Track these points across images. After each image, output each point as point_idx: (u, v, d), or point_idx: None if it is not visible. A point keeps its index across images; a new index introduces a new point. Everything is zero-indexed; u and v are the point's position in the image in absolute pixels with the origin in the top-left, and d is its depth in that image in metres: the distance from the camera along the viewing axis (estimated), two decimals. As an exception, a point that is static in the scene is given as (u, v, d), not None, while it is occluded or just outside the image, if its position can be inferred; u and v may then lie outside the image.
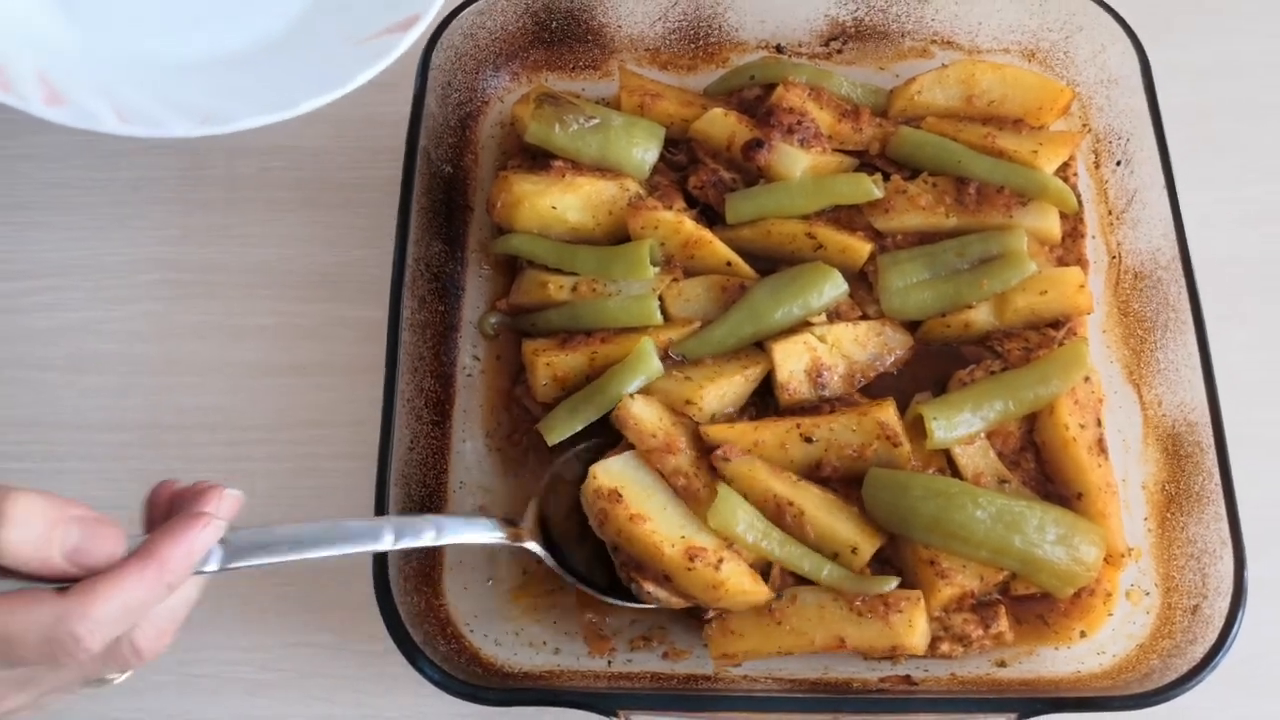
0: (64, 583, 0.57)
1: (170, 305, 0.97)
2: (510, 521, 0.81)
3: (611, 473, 0.82)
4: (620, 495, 0.80)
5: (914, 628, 0.77)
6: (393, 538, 0.70)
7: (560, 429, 0.85)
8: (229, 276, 0.98)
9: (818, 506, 0.82)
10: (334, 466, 0.90)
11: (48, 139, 1.03)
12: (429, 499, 0.84)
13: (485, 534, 0.78)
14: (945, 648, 0.79)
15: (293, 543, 0.66)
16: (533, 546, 0.81)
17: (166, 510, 0.64)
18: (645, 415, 0.83)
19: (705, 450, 0.83)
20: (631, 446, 0.83)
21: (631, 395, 0.84)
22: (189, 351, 0.95)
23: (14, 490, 0.55)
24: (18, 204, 1.01)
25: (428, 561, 0.82)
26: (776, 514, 0.82)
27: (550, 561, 0.82)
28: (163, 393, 0.94)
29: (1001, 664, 0.81)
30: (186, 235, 0.99)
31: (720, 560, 0.79)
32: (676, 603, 0.81)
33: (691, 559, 0.78)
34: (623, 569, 0.81)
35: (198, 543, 0.60)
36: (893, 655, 0.79)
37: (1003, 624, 0.80)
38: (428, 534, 0.73)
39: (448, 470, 0.87)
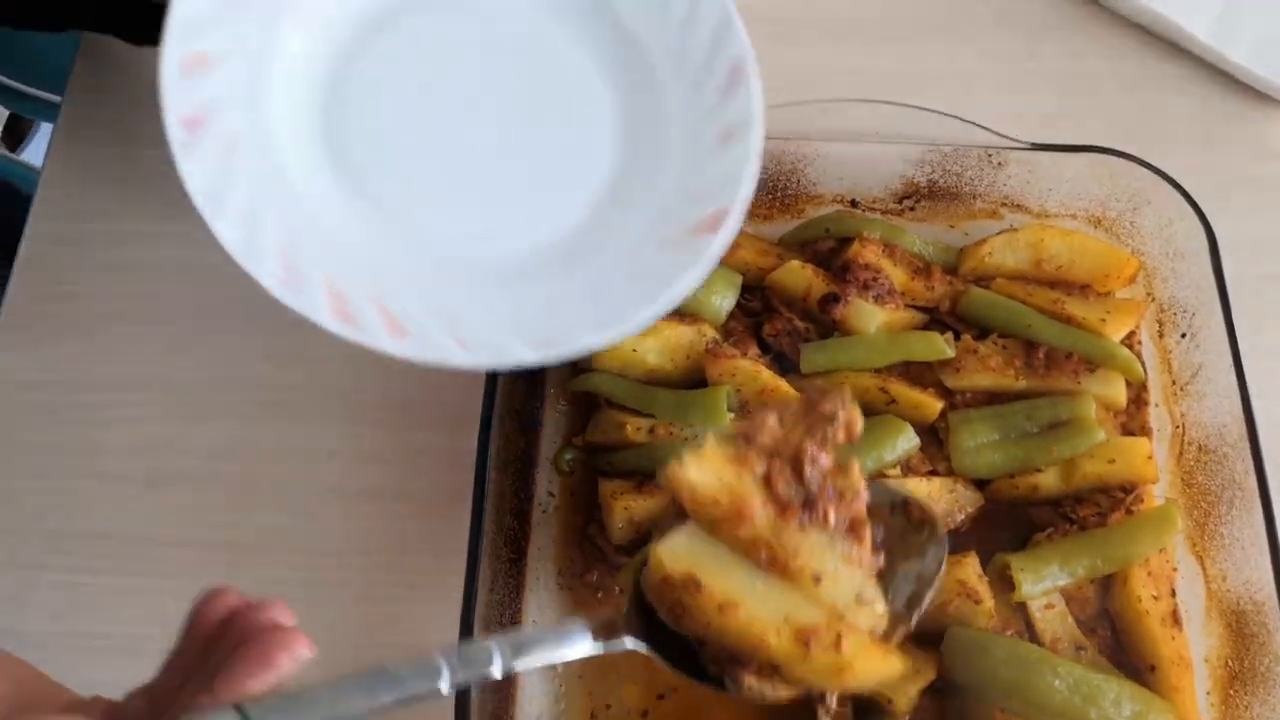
0: None
1: (248, 425, 0.99)
2: (607, 624, 0.69)
3: (679, 555, 0.69)
4: (699, 581, 0.67)
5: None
6: (450, 673, 0.60)
7: None
8: (308, 399, 1.00)
9: None
10: (407, 596, 0.91)
11: (138, 252, 1.06)
12: (504, 638, 0.85)
13: (579, 648, 0.66)
14: None
15: (330, 704, 0.56)
16: (632, 644, 0.69)
17: (216, 630, 0.59)
18: (704, 481, 0.70)
19: (782, 508, 0.69)
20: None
21: (680, 458, 0.71)
22: (266, 471, 0.97)
23: None
24: (105, 314, 1.03)
25: (501, 706, 0.83)
26: None
27: (658, 658, 0.70)
28: (238, 512, 0.95)
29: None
30: (268, 356, 1.01)
31: (839, 636, 0.66)
32: (785, 694, 0.69)
33: (805, 644, 0.66)
34: (713, 663, 0.70)
35: None
36: None
37: None
38: (496, 661, 0.62)
39: (522, 609, 0.88)
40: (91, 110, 1.14)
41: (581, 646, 0.67)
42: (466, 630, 0.80)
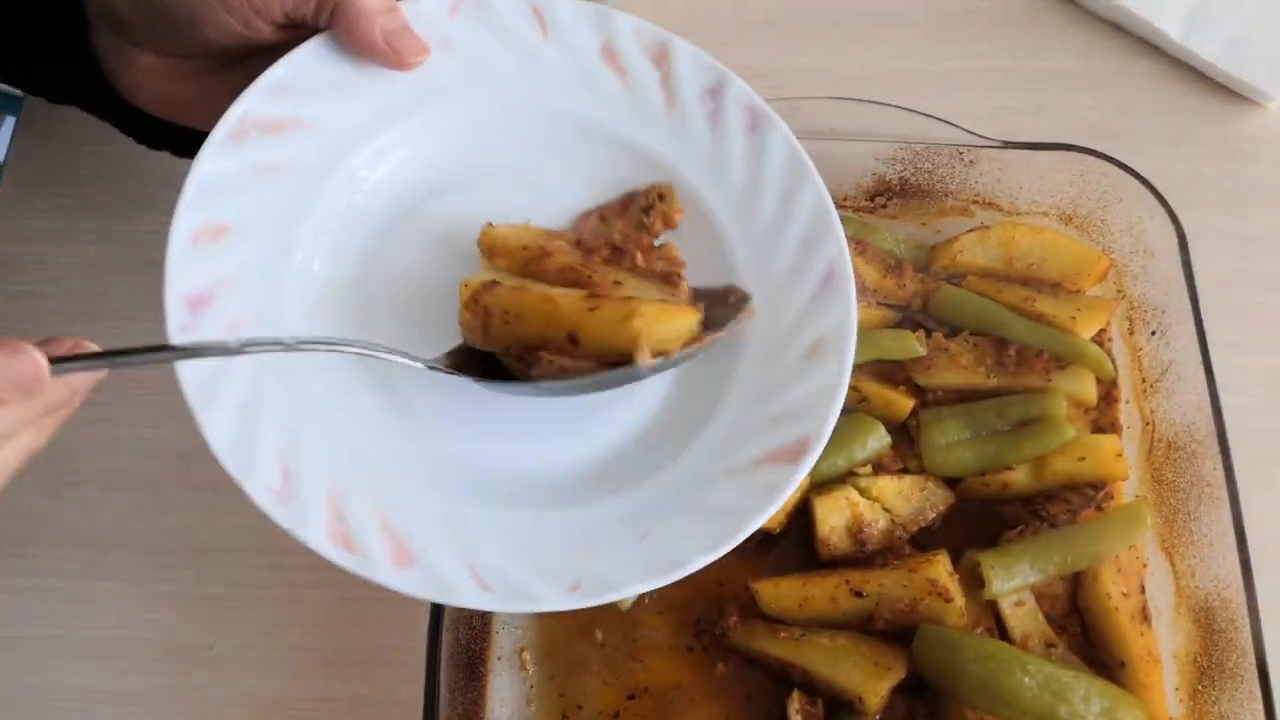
0: None
1: (216, 423, 0.98)
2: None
3: (483, 275, 0.71)
4: (497, 281, 0.69)
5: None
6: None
7: None
8: (276, 397, 0.99)
9: (820, 661, 0.83)
10: (378, 596, 0.88)
11: (101, 250, 1.05)
12: (474, 640, 0.85)
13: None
14: None
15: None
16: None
17: None
18: (511, 235, 0.72)
19: (589, 251, 0.72)
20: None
21: (492, 224, 0.72)
22: (233, 472, 0.96)
23: None
24: (68, 315, 1.02)
25: (471, 707, 0.82)
26: (786, 675, 0.85)
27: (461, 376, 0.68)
28: (205, 513, 0.94)
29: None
30: (236, 354, 1.00)
31: (628, 297, 0.68)
32: (588, 367, 0.68)
33: (591, 299, 0.67)
34: (520, 363, 0.69)
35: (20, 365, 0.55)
36: None
37: None
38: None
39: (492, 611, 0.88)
40: (51, 108, 1.12)
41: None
42: (435, 631, 0.79)
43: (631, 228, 0.74)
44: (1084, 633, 0.87)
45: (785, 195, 0.77)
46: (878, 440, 0.91)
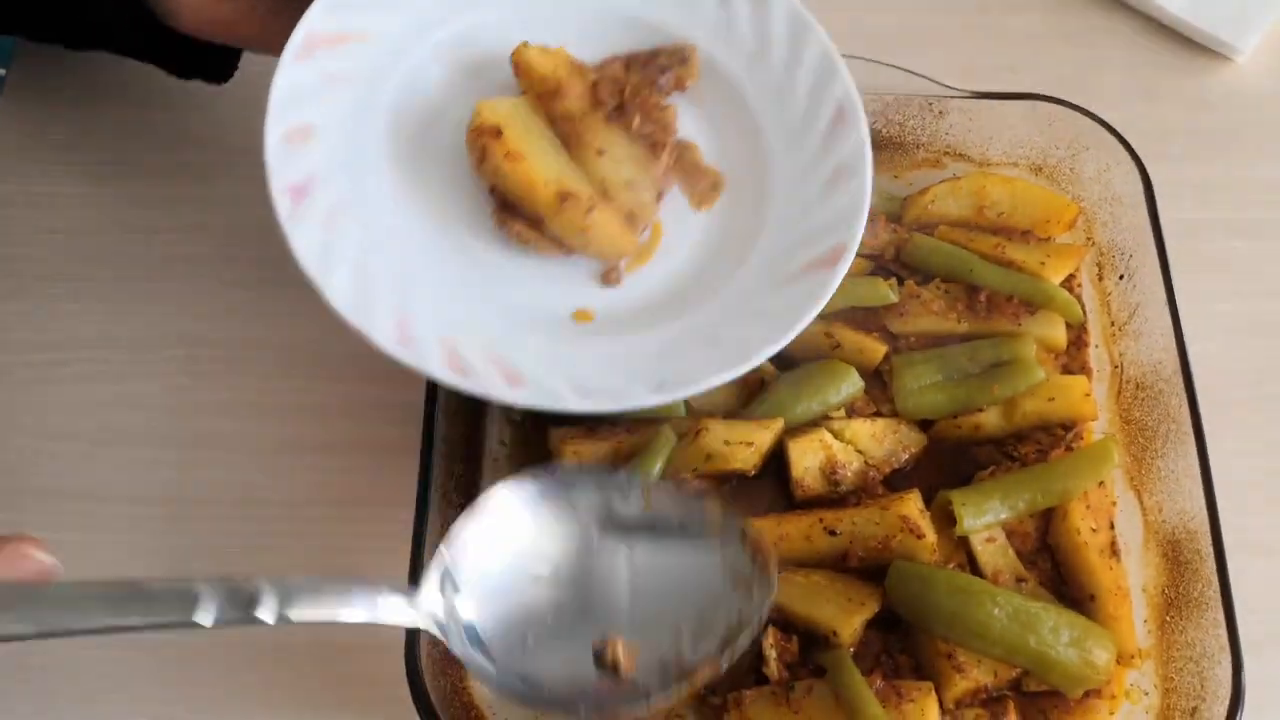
0: None
1: (199, 380, 0.99)
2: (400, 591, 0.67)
3: (498, 111, 0.82)
4: (501, 132, 0.81)
5: (925, 718, 0.80)
6: (216, 609, 0.55)
7: None
8: (258, 354, 1.00)
9: (795, 599, 0.85)
10: (360, 545, 0.92)
11: (83, 213, 1.06)
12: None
13: (354, 614, 0.62)
14: None
15: (72, 609, 0.53)
16: (431, 627, 0.67)
17: None
18: (540, 61, 0.84)
19: (597, 102, 0.84)
20: None
21: (528, 43, 0.84)
22: (217, 427, 0.97)
23: None
24: (49, 275, 1.03)
25: (454, 646, 0.84)
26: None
27: (450, 644, 0.68)
28: (189, 468, 0.95)
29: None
30: (217, 312, 1.01)
31: (592, 207, 0.81)
32: (546, 247, 0.82)
33: (563, 201, 0.80)
34: (496, 213, 0.83)
35: None
36: None
37: (1011, 719, 0.82)
38: (267, 603, 0.57)
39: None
40: (36, 75, 1.13)
41: (377, 610, 0.64)
42: (415, 571, 0.81)
43: (645, 83, 0.85)
44: (1054, 568, 0.89)
45: (792, 50, 0.88)
46: (851, 385, 0.92)
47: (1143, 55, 1.19)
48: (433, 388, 0.87)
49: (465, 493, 0.90)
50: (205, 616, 0.55)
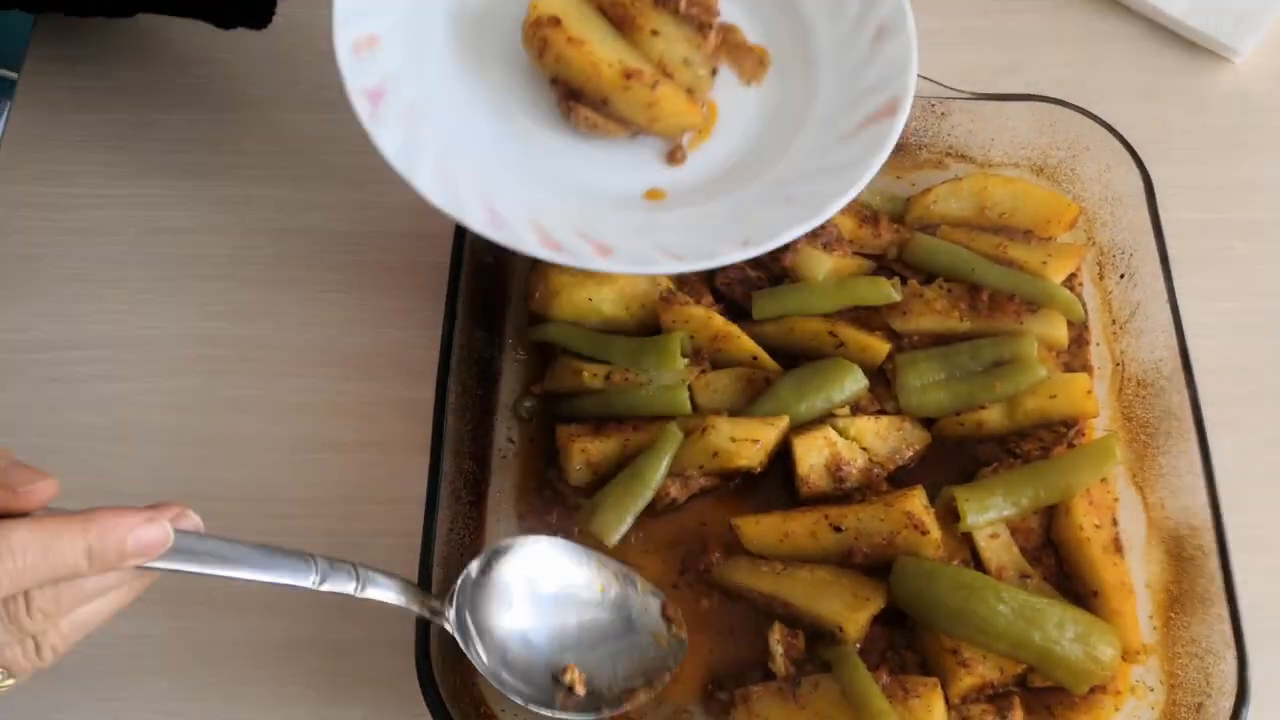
0: None
1: (213, 380, 1.00)
2: (432, 594, 0.80)
3: (553, 2, 0.88)
4: (559, 21, 0.86)
5: (931, 713, 0.80)
6: (317, 578, 0.70)
7: (615, 527, 0.89)
8: (272, 354, 1.01)
9: (801, 594, 0.86)
10: (372, 543, 0.92)
11: (100, 214, 1.08)
12: (465, 578, 0.87)
13: (400, 599, 0.76)
14: None
15: (221, 557, 0.67)
16: (448, 628, 0.79)
17: None
18: None
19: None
20: None
21: None
22: (230, 426, 0.98)
23: None
24: (67, 276, 1.05)
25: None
26: (768, 608, 0.87)
27: (466, 650, 0.80)
28: (203, 466, 0.97)
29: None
30: (232, 312, 1.03)
31: (656, 82, 0.87)
32: (613, 129, 0.88)
33: (628, 78, 0.86)
34: (562, 102, 0.89)
35: (144, 534, 0.59)
36: None
37: (1018, 715, 0.83)
38: (350, 584, 0.73)
39: (483, 551, 0.90)
40: (50, 79, 1.15)
41: (401, 600, 0.77)
42: (425, 566, 0.82)
43: None
44: (1058, 564, 0.90)
45: None
46: (855, 383, 0.93)
47: (1142, 57, 1.20)
48: (442, 383, 0.88)
49: (474, 489, 0.91)
50: (314, 580, 0.70)
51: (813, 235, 0.98)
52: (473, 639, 0.80)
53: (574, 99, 0.89)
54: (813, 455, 0.91)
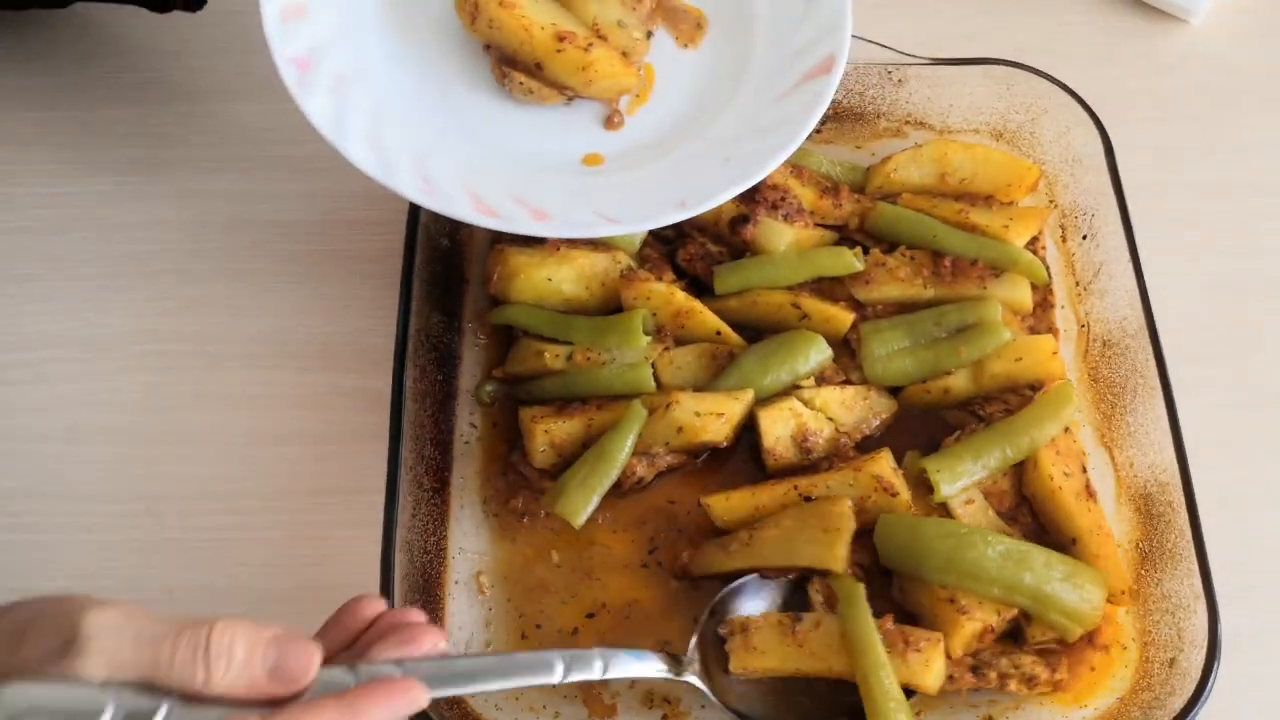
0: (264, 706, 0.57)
1: (166, 376, 0.98)
2: (674, 656, 0.81)
3: None
4: None
5: (929, 668, 0.79)
6: (563, 669, 0.70)
7: (581, 508, 0.86)
8: (226, 347, 0.99)
9: (774, 554, 0.84)
10: (334, 534, 0.91)
11: (48, 212, 1.05)
12: (429, 565, 0.86)
13: (650, 668, 0.78)
14: (1012, 686, 0.81)
15: (469, 676, 0.66)
16: (695, 680, 0.81)
17: (359, 629, 0.65)
18: None
19: None
20: None
21: None
22: (186, 422, 0.96)
23: (216, 623, 0.55)
24: (15, 276, 1.02)
25: (430, 627, 0.84)
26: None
27: (713, 698, 0.81)
28: (160, 463, 0.95)
29: (989, 719, 0.84)
30: (183, 307, 1.01)
31: (590, 45, 0.86)
32: (548, 95, 0.88)
33: (561, 41, 0.85)
34: (496, 68, 0.89)
35: (400, 710, 0.60)
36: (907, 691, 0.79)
37: (1063, 669, 0.82)
38: (596, 665, 0.73)
39: (447, 536, 0.89)
40: (-4, 76, 1.13)
41: (657, 671, 0.78)
42: (387, 555, 0.81)
43: None
44: (1034, 520, 0.89)
45: None
46: (819, 354, 0.92)
47: (1099, 21, 1.19)
48: (399, 369, 0.87)
49: (436, 476, 0.90)
50: (556, 677, 0.70)
51: (773, 207, 0.97)
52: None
53: (508, 64, 0.89)
54: (778, 427, 0.90)
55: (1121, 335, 0.92)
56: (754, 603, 0.85)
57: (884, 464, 0.86)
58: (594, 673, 0.72)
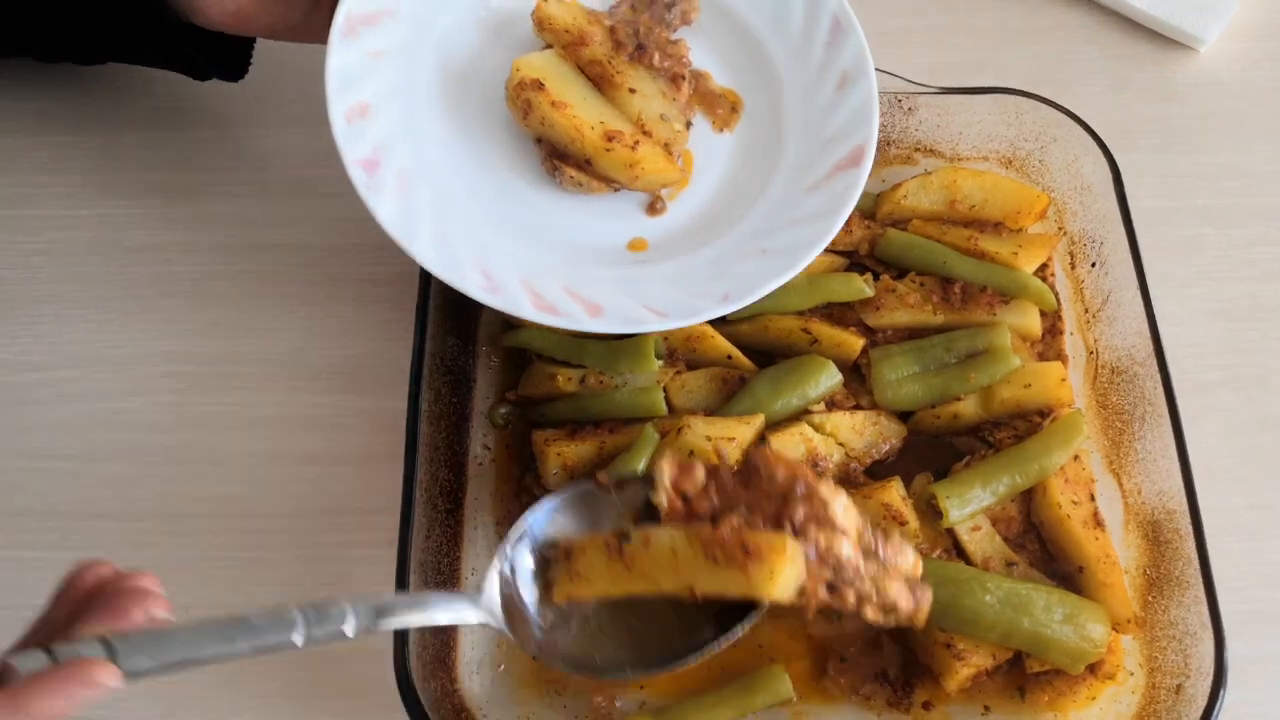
0: None
1: (184, 397, 1.00)
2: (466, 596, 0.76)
3: (535, 65, 0.89)
4: (542, 85, 0.88)
5: (774, 577, 0.73)
6: (304, 624, 0.63)
7: None
8: (242, 368, 1.01)
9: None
10: (349, 555, 0.92)
11: (67, 235, 1.07)
12: (443, 585, 0.87)
13: (416, 619, 0.71)
14: (869, 611, 0.76)
15: (191, 644, 0.60)
16: (491, 621, 0.75)
17: (84, 597, 0.61)
18: (559, 14, 0.92)
19: (618, 45, 0.92)
20: None
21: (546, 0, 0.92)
22: (202, 442, 0.97)
23: None
24: (35, 298, 1.04)
25: (443, 649, 0.84)
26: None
27: (510, 634, 0.77)
28: (176, 482, 0.96)
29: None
30: (201, 329, 1.02)
31: (637, 143, 0.89)
32: (597, 187, 0.90)
33: (610, 140, 0.88)
34: (546, 160, 0.91)
35: (76, 698, 0.55)
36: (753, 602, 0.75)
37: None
38: (346, 617, 0.65)
39: (461, 557, 0.90)
40: (11, 102, 1.14)
41: (452, 613, 0.74)
42: (402, 576, 0.81)
43: (655, 21, 0.94)
44: (1042, 548, 0.90)
45: None
46: (830, 379, 0.93)
47: (1108, 48, 1.20)
48: (415, 392, 0.88)
49: (450, 497, 0.90)
50: (299, 637, 0.63)
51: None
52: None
53: (559, 158, 0.90)
54: (788, 452, 0.90)
55: (1130, 362, 0.93)
56: (555, 526, 0.82)
57: (894, 493, 0.87)
58: (348, 627, 0.65)
